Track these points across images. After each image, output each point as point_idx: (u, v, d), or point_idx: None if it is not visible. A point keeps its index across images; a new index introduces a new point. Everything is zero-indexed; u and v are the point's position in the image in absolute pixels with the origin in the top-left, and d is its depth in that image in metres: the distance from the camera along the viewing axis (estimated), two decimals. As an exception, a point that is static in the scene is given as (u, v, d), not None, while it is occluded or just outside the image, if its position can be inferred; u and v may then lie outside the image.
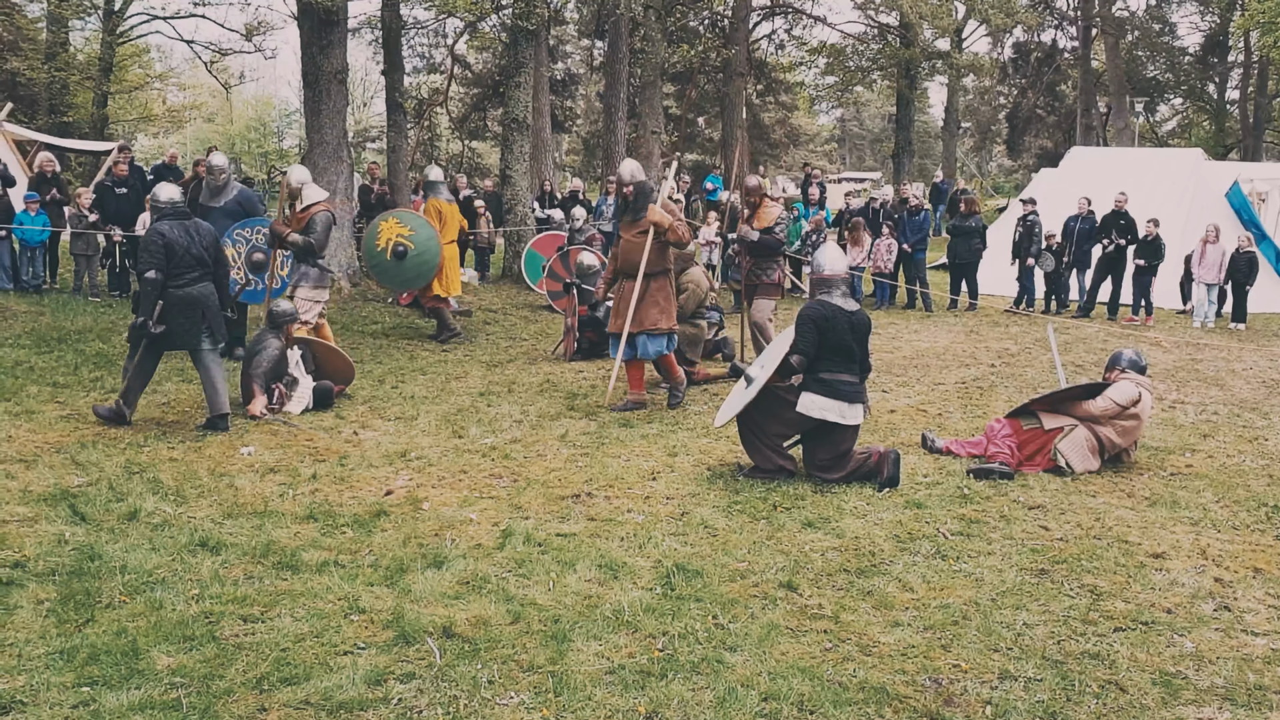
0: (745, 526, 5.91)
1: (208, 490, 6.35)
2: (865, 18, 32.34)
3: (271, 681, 3.96)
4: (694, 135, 38.00)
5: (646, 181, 9.15)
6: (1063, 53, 40.45)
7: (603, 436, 7.97)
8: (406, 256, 10.96)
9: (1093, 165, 20.27)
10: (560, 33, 34.91)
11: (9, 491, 6.15)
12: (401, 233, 10.98)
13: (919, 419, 8.77)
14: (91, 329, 11.52)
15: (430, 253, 11.23)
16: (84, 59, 28.70)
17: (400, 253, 10.81)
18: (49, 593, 4.72)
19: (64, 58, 26.44)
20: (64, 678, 3.94)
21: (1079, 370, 11.10)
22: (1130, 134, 34.52)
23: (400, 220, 11.16)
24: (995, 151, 52.78)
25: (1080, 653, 4.39)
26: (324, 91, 14.59)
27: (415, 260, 10.98)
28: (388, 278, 11.27)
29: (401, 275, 11.18)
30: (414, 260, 10.99)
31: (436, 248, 11.48)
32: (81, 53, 29.63)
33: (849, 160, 60.51)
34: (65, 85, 26.31)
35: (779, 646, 4.37)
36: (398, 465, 7.07)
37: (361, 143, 36.37)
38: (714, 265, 16.81)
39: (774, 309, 10.64)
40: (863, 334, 6.80)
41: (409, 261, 11.01)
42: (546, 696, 3.91)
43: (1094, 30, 37.20)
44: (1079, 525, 6.06)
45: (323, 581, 4.93)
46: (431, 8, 18.44)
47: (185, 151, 43.75)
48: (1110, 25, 35.99)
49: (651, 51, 19.44)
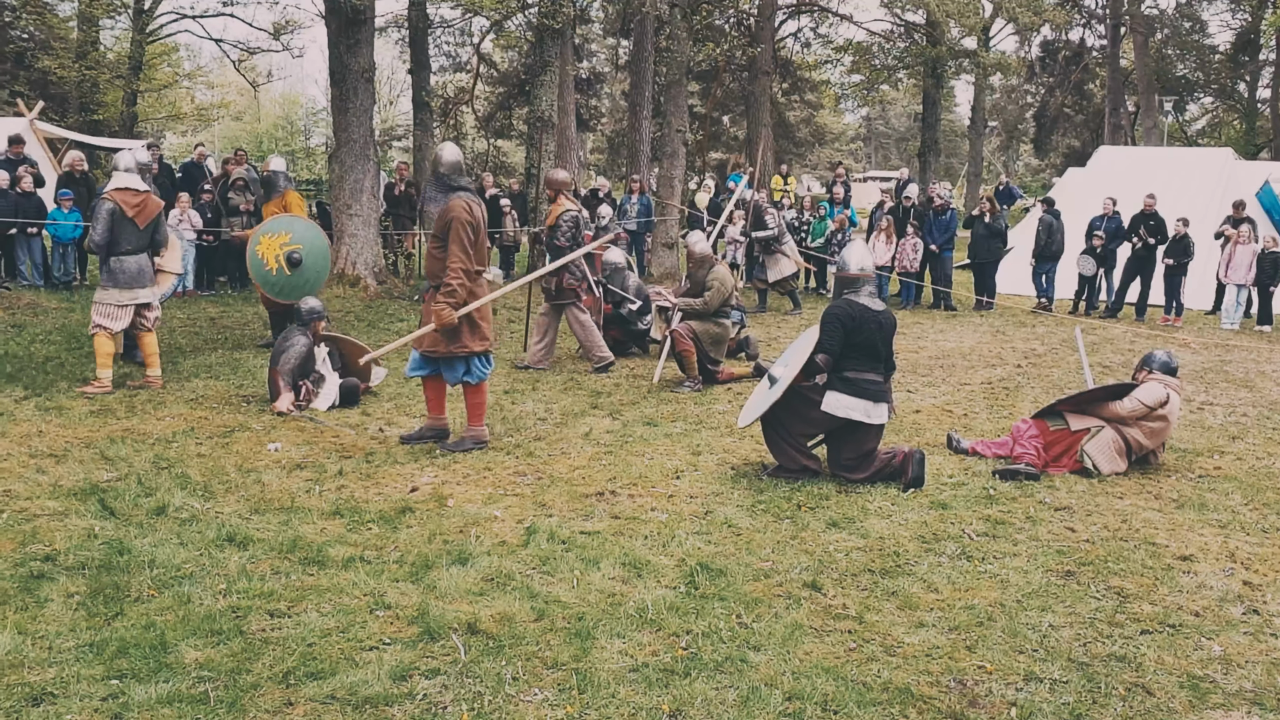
0: (769, 526, 5.91)
1: (235, 486, 6.40)
2: (891, 16, 32.17)
3: (298, 676, 3.99)
4: (719, 134, 37.96)
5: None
6: (1091, 51, 40.17)
7: (626, 435, 7.98)
8: (303, 261, 10.42)
9: (1121, 165, 20.12)
10: (585, 31, 34.95)
11: (40, 486, 6.22)
12: (283, 241, 10.39)
13: (944, 419, 8.74)
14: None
15: (321, 246, 10.69)
16: (114, 58, 28.97)
17: (296, 260, 10.20)
18: (79, 586, 4.77)
19: (94, 56, 26.69)
20: (94, 670, 3.98)
21: (1106, 371, 11.03)
22: (1159, 133, 34.21)
23: (272, 232, 10.44)
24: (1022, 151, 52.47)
25: (1106, 655, 4.37)
26: (351, 90, 14.68)
27: (312, 261, 10.45)
28: (295, 291, 10.51)
29: (303, 281, 10.53)
30: (311, 261, 10.45)
31: (322, 239, 10.96)
32: (111, 51, 29.91)
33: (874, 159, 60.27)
34: (95, 84, 26.56)
35: (803, 646, 4.37)
36: (423, 462, 7.10)
37: (388, 141, 36.51)
38: (738, 264, 16.79)
39: (581, 308, 10.60)
40: (889, 333, 6.78)
41: (307, 264, 10.42)
42: (570, 694, 3.93)
43: (1123, 28, 36.91)
44: (1106, 527, 6.02)
45: (349, 577, 4.96)
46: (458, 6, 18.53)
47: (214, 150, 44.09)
48: (1139, 23, 35.69)
49: (677, 50, 19.41)
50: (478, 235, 7.40)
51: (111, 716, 3.67)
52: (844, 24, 32.04)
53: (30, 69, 26.43)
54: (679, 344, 9.83)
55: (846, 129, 55.41)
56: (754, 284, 15.98)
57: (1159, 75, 36.76)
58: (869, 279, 6.94)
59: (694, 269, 10.24)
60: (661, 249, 18.88)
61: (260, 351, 10.84)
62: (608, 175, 32.95)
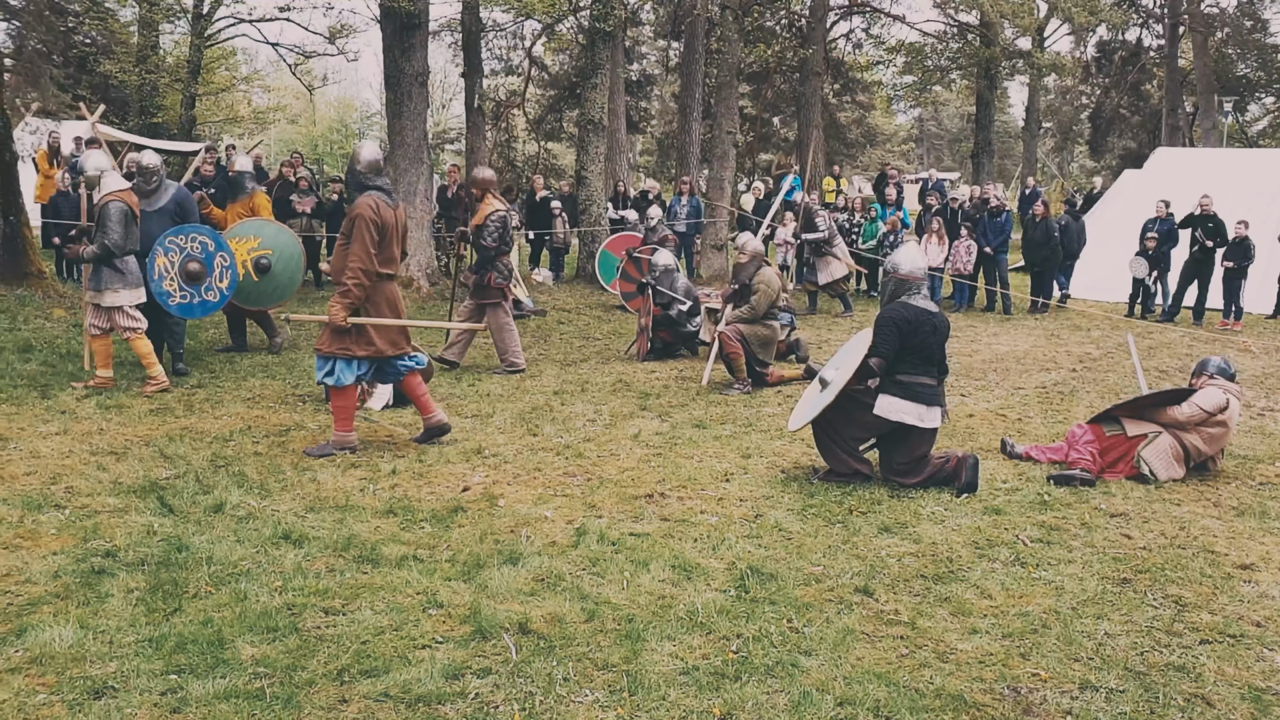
0: (820, 530, 5.88)
1: (291, 484, 6.49)
2: (944, 16, 31.86)
3: (352, 673, 4.04)
4: (769, 135, 37.82)
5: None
6: (1148, 51, 39.47)
7: (675, 437, 7.98)
8: (272, 267, 10.29)
9: (1179, 166, 19.78)
10: (636, 34, 34.98)
11: (101, 483, 6.35)
12: (251, 246, 10.17)
13: (998, 424, 8.65)
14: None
15: (291, 251, 10.58)
16: (173, 62, 29.43)
17: (264, 265, 10.05)
18: (138, 582, 4.86)
19: (154, 60, 27.13)
20: (153, 665, 4.05)
21: (1162, 376, 10.85)
22: (1218, 134, 33.58)
23: (240, 237, 10.29)
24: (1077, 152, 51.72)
25: (1164, 665, 4.30)
26: (405, 94, 14.83)
27: (282, 266, 10.24)
28: (263, 297, 10.49)
29: (274, 287, 10.50)
30: (281, 267, 10.24)
31: (294, 244, 10.77)
32: (171, 56, 30.39)
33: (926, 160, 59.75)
34: (155, 87, 27.01)
35: (854, 651, 4.35)
36: (474, 462, 7.15)
37: (440, 144, 36.81)
38: (788, 266, 16.73)
39: (501, 313, 10.23)
40: (943, 337, 6.72)
41: (277, 270, 10.31)
42: (621, 695, 3.94)
43: (1181, 28, 36.25)
44: (1163, 534, 5.93)
45: (402, 575, 5.01)
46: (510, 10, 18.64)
47: (269, 153, 44.71)
48: (1198, 22, 35.04)
49: (728, 52, 19.38)
50: (384, 237, 7.12)
51: (170, 711, 3.74)
52: (896, 25, 31.81)
53: (92, 73, 26.92)
54: (727, 346, 9.82)
55: (898, 130, 54.94)
56: (804, 286, 15.91)
57: (1218, 75, 36.04)
58: (921, 281, 6.89)
59: (740, 267, 10.21)
60: (710, 251, 18.86)
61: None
62: (657, 177, 32.92)
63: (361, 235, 7.00)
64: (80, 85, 26.71)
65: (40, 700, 3.77)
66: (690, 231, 18.47)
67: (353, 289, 6.99)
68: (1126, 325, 14.47)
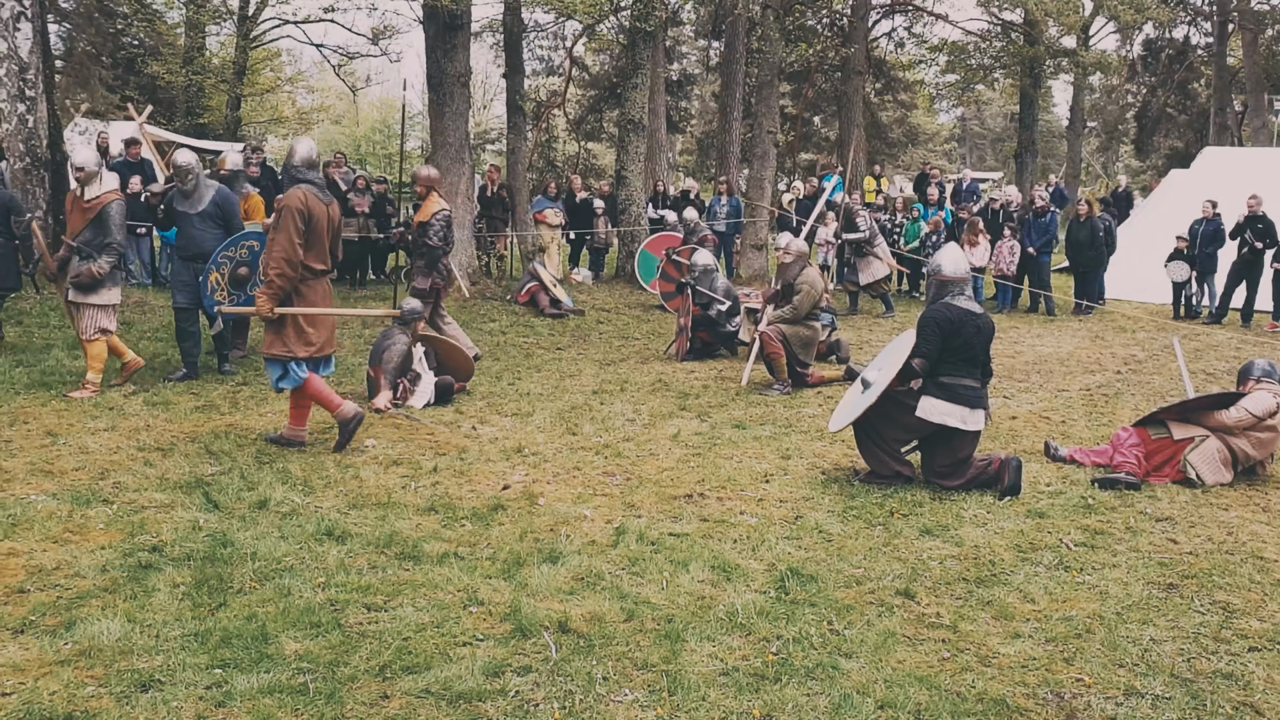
0: (861, 532, 5.85)
1: (334, 481, 6.55)
2: (988, 15, 31.58)
3: (394, 670, 4.07)
4: (810, 134, 37.66)
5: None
6: (1196, 49, 38.90)
7: (715, 437, 7.97)
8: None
9: (1227, 166, 19.47)
10: (676, 34, 34.96)
11: (148, 479, 6.44)
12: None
13: (1041, 426, 8.56)
14: (224, 323, 11.94)
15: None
16: (219, 63, 29.82)
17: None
18: (184, 577, 4.92)
19: (200, 62, 27.51)
20: (198, 659, 4.10)
21: (1210, 379, 10.69)
22: (1268, 133, 33.01)
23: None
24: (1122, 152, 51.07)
25: (1212, 672, 4.24)
26: (448, 94, 14.92)
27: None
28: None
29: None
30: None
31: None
32: (217, 57, 30.79)
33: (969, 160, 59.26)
34: (201, 88, 27.40)
35: (895, 654, 4.32)
36: (514, 460, 7.18)
37: (481, 145, 36.99)
38: (828, 266, 16.65)
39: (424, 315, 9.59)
40: (987, 338, 6.66)
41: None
42: (661, 695, 3.94)
43: (1230, 25, 35.69)
44: (1210, 539, 5.84)
45: (443, 573, 5.04)
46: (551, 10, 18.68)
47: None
48: (1248, 19, 34.46)
49: (769, 51, 19.31)
50: (312, 229, 6.99)
51: (215, 705, 3.79)
52: (939, 23, 31.55)
53: (140, 74, 27.33)
54: (767, 346, 9.79)
55: (941, 129, 54.53)
56: (845, 286, 15.83)
57: (1268, 73, 35.41)
58: (965, 282, 6.83)
59: (784, 267, 10.18)
60: (750, 250, 18.82)
61: (358, 350, 11.07)
62: (696, 177, 32.88)
63: (286, 225, 6.87)
64: (128, 87, 27.12)
65: (89, 692, 3.83)
66: (730, 231, 18.43)
67: (275, 279, 6.88)
68: (1172, 328, 14.28)
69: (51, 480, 6.34)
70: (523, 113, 19.25)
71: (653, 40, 18.46)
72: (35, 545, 5.23)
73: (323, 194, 7.15)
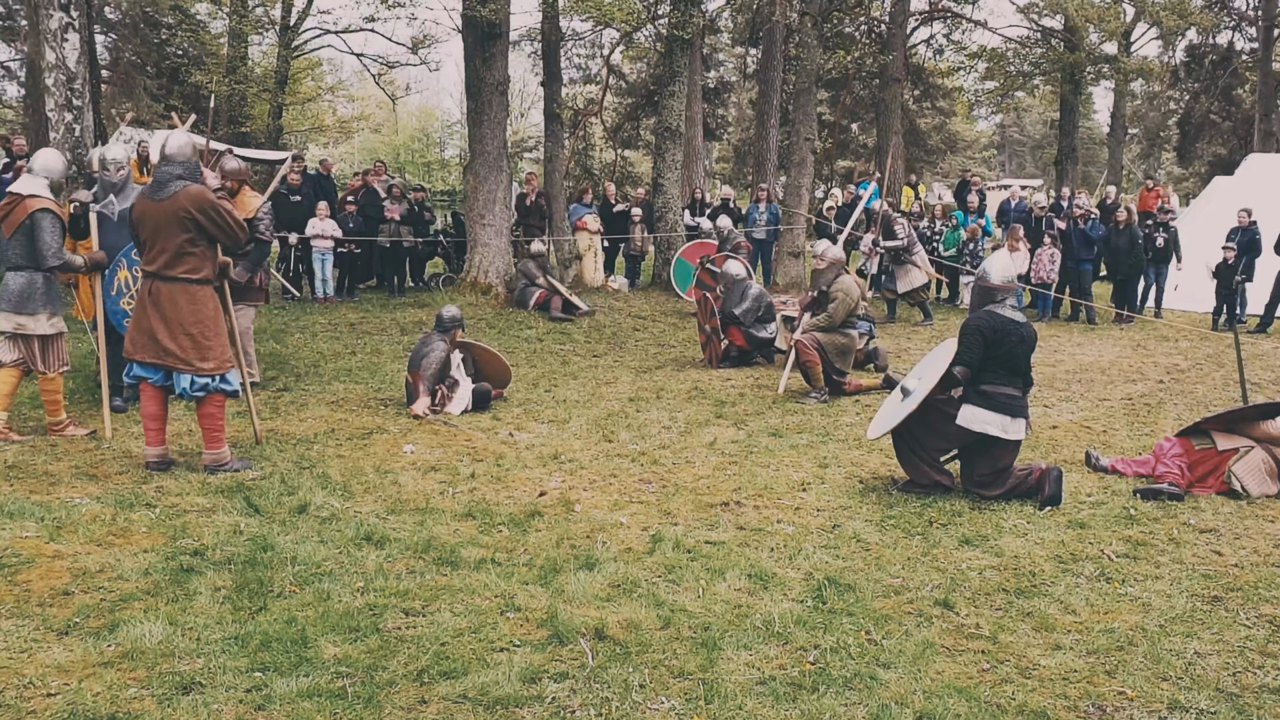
0: (899, 542, 5.81)
1: (373, 486, 6.59)
2: (1028, 21, 31.33)
3: (431, 675, 4.09)
4: (847, 142, 37.54)
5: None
6: (1240, 55, 38.38)
7: (751, 445, 7.95)
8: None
9: (1271, 173, 19.17)
10: (714, 41, 34.98)
11: (190, 483, 6.51)
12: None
13: (1083, 436, 8.46)
14: (265, 330, 12.09)
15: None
16: (261, 72, 30.18)
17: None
18: (225, 580, 4.97)
19: (243, 71, 27.83)
20: (238, 662, 4.14)
21: (1254, 388, 10.52)
22: (1315, 140, 32.50)
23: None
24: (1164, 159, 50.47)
25: (1259, 686, 4.16)
26: (486, 103, 14.99)
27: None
28: None
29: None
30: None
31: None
32: (259, 66, 31.16)
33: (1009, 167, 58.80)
34: (244, 97, 27.72)
35: (934, 665, 4.28)
36: (550, 467, 7.20)
37: (519, 153, 37.17)
38: (866, 273, 16.57)
39: (252, 319, 9.32)
40: (1030, 347, 6.59)
41: None
42: (697, 703, 3.93)
43: (1276, 30, 35.19)
44: (1256, 551, 5.75)
45: (480, 579, 5.06)
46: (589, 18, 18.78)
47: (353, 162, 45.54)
48: (1295, 24, 33.98)
49: (806, 58, 19.27)
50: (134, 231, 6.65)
51: (255, 708, 3.82)
52: (978, 30, 31.38)
53: (183, 84, 27.73)
54: (803, 354, 9.75)
55: (980, 136, 54.14)
56: (883, 294, 15.75)
57: (1316, 79, 34.89)
58: (1012, 290, 6.75)
59: (819, 274, 10.13)
60: (787, 258, 18.76)
61: (398, 354, 11.14)
62: (733, 184, 32.86)
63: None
64: (172, 95, 27.51)
65: (131, 694, 3.87)
66: (769, 239, 18.39)
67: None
68: (1216, 338, 14.07)
69: (96, 484, 6.43)
70: (560, 121, 19.31)
71: (690, 48, 18.47)
72: (80, 548, 5.30)
73: (154, 194, 6.54)
